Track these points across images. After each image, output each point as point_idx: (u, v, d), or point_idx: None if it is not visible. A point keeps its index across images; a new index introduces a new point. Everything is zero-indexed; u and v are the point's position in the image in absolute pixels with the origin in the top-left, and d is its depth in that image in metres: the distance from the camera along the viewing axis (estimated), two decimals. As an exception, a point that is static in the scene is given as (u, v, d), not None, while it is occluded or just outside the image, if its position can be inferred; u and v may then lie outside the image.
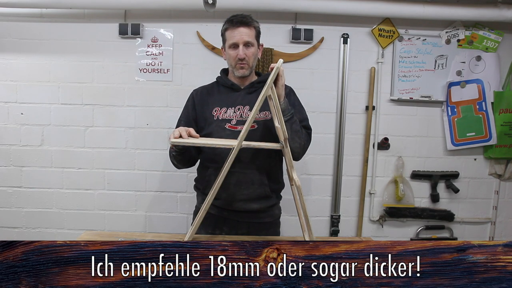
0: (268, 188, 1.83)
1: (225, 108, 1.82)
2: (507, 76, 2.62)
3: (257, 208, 1.82)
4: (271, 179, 1.84)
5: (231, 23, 1.79)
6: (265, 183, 1.81)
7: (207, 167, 1.85)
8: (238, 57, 1.77)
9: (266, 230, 1.88)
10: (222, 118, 1.81)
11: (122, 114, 2.57)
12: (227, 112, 1.81)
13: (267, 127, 1.78)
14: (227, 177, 1.72)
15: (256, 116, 1.78)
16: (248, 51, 1.78)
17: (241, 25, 1.77)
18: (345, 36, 2.56)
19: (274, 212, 1.92)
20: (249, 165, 1.77)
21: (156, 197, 2.63)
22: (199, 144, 1.60)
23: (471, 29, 2.57)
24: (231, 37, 1.78)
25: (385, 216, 2.68)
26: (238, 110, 1.82)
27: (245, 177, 1.77)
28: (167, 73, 2.55)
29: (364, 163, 2.64)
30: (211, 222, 1.83)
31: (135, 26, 2.48)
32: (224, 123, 1.80)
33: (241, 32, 1.76)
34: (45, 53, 2.52)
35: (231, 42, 1.78)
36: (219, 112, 1.82)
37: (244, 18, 1.79)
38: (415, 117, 2.64)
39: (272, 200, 1.88)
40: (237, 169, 1.74)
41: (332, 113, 2.62)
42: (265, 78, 1.89)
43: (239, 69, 1.81)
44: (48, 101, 2.55)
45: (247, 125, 1.40)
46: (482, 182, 2.71)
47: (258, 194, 1.81)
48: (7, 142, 2.57)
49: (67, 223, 2.63)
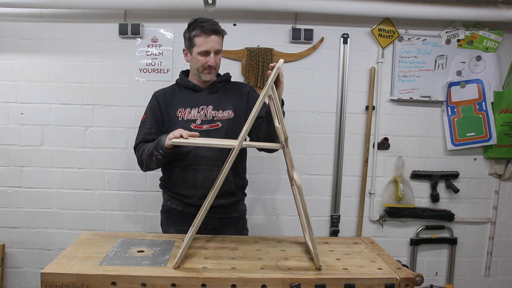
0: (234, 185, 1.92)
1: (189, 108, 1.89)
2: (507, 76, 2.62)
3: (224, 204, 1.90)
4: (236, 176, 1.93)
5: (203, 30, 1.83)
6: (230, 180, 1.89)
7: (173, 166, 1.91)
8: (209, 64, 1.85)
9: (233, 225, 1.98)
10: (187, 118, 1.88)
11: (122, 114, 2.57)
12: (191, 112, 1.89)
13: (230, 125, 1.87)
14: (194, 175, 1.86)
15: (219, 116, 1.88)
16: (217, 58, 1.87)
17: (213, 33, 1.83)
18: (345, 36, 2.56)
19: (240, 207, 2.02)
20: (215, 163, 1.85)
21: (156, 197, 2.62)
22: (199, 144, 1.60)
23: (471, 29, 2.57)
24: (202, 44, 1.83)
25: (385, 216, 2.68)
26: (202, 110, 1.89)
27: (211, 174, 1.83)
28: (167, 73, 2.55)
29: (364, 163, 2.64)
30: (179, 219, 1.93)
31: (135, 26, 2.48)
32: (189, 123, 1.86)
33: (213, 41, 1.83)
34: (45, 53, 2.52)
35: (203, 50, 1.84)
36: (184, 112, 1.89)
37: (215, 26, 1.85)
38: (415, 117, 2.64)
39: (237, 195, 1.98)
40: (203, 167, 1.85)
41: (332, 113, 2.62)
42: (224, 78, 1.99)
43: (206, 74, 1.89)
44: (48, 101, 2.55)
45: (248, 125, 1.40)
46: (482, 182, 2.72)
47: (224, 191, 1.84)
48: (7, 142, 2.57)
49: (67, 223, 2.63)
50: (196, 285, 1.35)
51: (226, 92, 1.94)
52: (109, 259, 1.46)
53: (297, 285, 1.35)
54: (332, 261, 1.53)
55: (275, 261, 1.51)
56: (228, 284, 1.35)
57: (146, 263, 1.44)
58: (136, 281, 1.33)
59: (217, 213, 1.90)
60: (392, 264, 1.52)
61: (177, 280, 1.35)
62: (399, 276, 1.40)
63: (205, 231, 1.87)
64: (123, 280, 1.33)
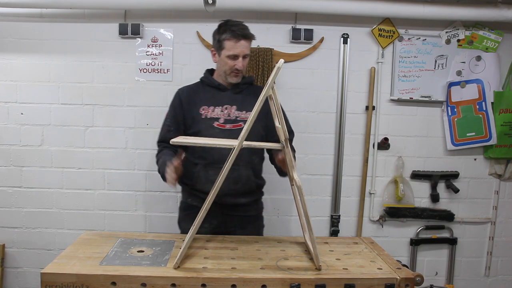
0: (254, 184, 1.95)
1: (213, 107, 1.91)
2: (507, 76, 2.62)
3: (244, 202, 1.93)
4: (255, 175, 1.96)
5: (233, 34, 1.85)
6: (251, 179, 1.92)
7: (195, 163, 1.92)
8: (236, 67, 1.86)
9: (252, 223, 2.01)
10: (210, 116, 1.90)
11: (122, 114, 2.57)
12: (214, 110, 1.90)
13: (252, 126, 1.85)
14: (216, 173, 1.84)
15: (242, 116, 1.90)
16: (244, 62, 1.89)
17: (243, 38, 1.85)
18: (345, 36, 2.56)
19: (258, 206, 2.07)
20: (236, 162, 1.83)
21: (156, 197, 2.63)
22: (199, 144, 1.60)
23: (471, 29, 2.57)
24: (231, 48, 1.85)
25: (385, 216, 2.68)
26: (225, 109, 1.91)
27: (232, 173, 1.83)
28: (167, 73, 2.55)
29: (364, 163, 2.64)
30: None
31: (135, 26, 2.48)
32: (212, 122, 1.88)
33: (243, 46, 1.85)
34: (45, 53, 2.52)
35: (232, 54, 1.86)
36: (207, 110, 1.91)
37: (245, 30, 1.87)
38: (415, 117, 2.64)
39: (257, 194, 2.01)
40: None
41: (332, 113, 2.62)
42: (248, 80, 2.01)
43: (233, 77, 1.91)
44: (48, 101, 2.55)
45: (248, 125, 1.40)
46: (482, 182, 2.72)
47: (245, 190, 1.92)
48: (7, 142, 2.57)
49: (67, 223, 2.63)
50: (196, 285, 1.35)
51: (250, 94, 1.95)
52: (109, 259, 1.47)
53: (297, 285, 1.35)
54: (332, 261, 1.53)
55: (275, 261, 1.51)
56: (228, 284, 1.35)
57: (146, 263, 1.44)
58: (136, 281, 1.34)
59: (239, 211, 1.94)
60: (392, 264, 1.52)
61: (177, 280, 1.35)
62: (399, 276, 1.40)
63: (225, 229, 1.93)
64: (123, 280, 1.34)
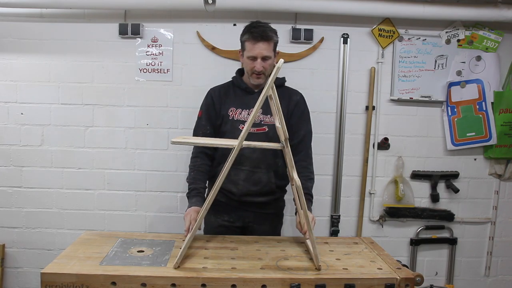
0: (274, 185, 1.97)
1: (240, 109, 1.95)
2: (507, 76, 2.62)
3: (264, 201, 1.97)
4: (277, 177, 1.97)
5: (252, 35, 1.86)
6: (272, 182, 1.95)
7: (219, 162, 1.97)
8: (255, 69, 1.87)
9: (270, 221, 2.04)
10: (237, 118, 1.94)
11: (122, 114, 2.56)
12: (241, 113, 1.94)
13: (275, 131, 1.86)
14: (237, 174, 1.91)
15: (266, 120, 1.93)
16: (265, 64, 1.88)
17: (261, 39, 1.85)
18: (345, 36, 2.56)
19: (278, 204, 2.09)
20: (258, 165, 1.92)
21: (156, 197, 2.63)
22: (200, 144, 1.60)
23: (471, 29, 2.57)
24: (250, 49, 1.87)
25: (385, 216, 2.68)
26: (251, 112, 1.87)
27: (253, 175, 1.91)
28: (167, 73, 2.55)
29: (364, 163, 2.64)
30: (222, 210, 1.98)
31: (135, 26, 2.48)
32: (238, 124, 1.92)
33: (261, 47, 1.85)
34: (45, 53, 2.52)
35: (250, 55, 1.87)
36: (235, 112, 1.95)
37: (264, 32, 1.86)
38: (415, 117, 2.64)
39: (277, 194, 2.03)
40: (247, 167, 1.91)
41: (332, 113, 2.62)
42: (278, 83, 2.00)
43: (255, 79, 1.92)
44: (48, 101, 2.55)
45: (248, 125, 1.41)
46: (482, 182, 2.71)
47: (265, 191, 1.95)
48: (7, 142, 2.57)
49: (67, 223, 2.63)
50: (196, 285, 1.35)
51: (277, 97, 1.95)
52: (109, 259, 1.47)
53: (297, 285, 1.35)
54: (332, 261, 1.53)
55: (275, 261, 1.51)
56: (228, 284, 1.35)
57: (146, 263, 1.44)
58: (136, 281, 1.34)
59: (256, 208, 1.97)
60: (392, 264, 1.52)
61: (177, 280, 1.35)
62: (399, 276, 1.40)
63: (242, 223, 1.99)
64: (123, 280, 1.34)
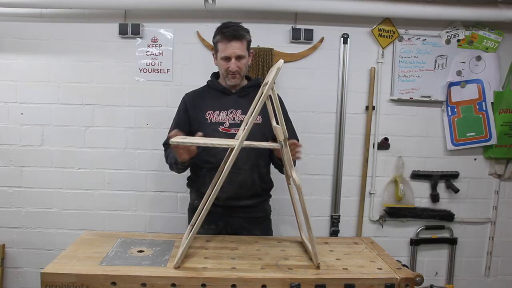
0: (259, 187, 1.94)
1: (218, 111, 1.91)
2: (507, 76, 2.62)
3: (250, 204, 1.93)
4: (261, 178, 1.95)
5: (224, 35, 1.84)
6: (256, 183, 1.92)
7: (201, 167, 1.93)
8: (230, 69, 1.85)
9: (259, 225, 1.99)
10: (215, 121, 1.90)
11: (122, 114, 2.57)
12: (220, 115, 1.90)
13: (258, 131, 1.86)
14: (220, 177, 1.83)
15: None
16: (240, 63, 1.87)
17: (233, 39, 1.83)
18: (345, 36, 2.56)
19: (265, 207, 2.04)
20: (242, 166, 1.86)
21: (156, 197, 2.63)
22: (199, 144, 1.60)
23: (471, 29, 2.57)
24: (223, 50, 1.85)
25: (385, 216, 2.68)
26: (230, 113, 1.90)
27: (238, 177, 1.86)
28: (167, 73, 2.55)
29: (364, 163, 2.64)
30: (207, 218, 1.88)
31: (135, 26, 2.48)
32: (217, 126, 1.88)
33: (233, 47, 1.83)
34: (45, 53, 2.52)
35: (224, 55, 1.85)
36: (212, 115, 1.91)
37: (236, 31, 1.84)
38: (415, 117, 2.64)
39: (263, 196, 2.00)
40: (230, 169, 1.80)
41: (332, 113, 2.62)
42: (255, 83, 1.98)
43: (231, 79, 1.90)
44: (48, 101, 2.55)
45: (249, 125, 1.40)
46: (482, 182, 2.71)
47: (250, 193, 1.92)
48: (7, 142, 2.57)
49: (67, 223, 2.63)
50: (196, 285, 1.35)
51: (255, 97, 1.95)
52: (109, 259, 1.46)
53: (297, 285, 1.35)
54: (332, 261, 1.53)
55: (275, 261, 1.51)
56: (228, 284, 1.35)
57: (146, 263, 1.44)
58: (136, 281, 1.34)
59: (243, 213, 1.93)
60: (392, 264, 1.52)
61: (177, 280, 1.35)
62: (399, 276, 1.40)
63: (231, 230, 1.93)
64: (123, 280, 1.33)
